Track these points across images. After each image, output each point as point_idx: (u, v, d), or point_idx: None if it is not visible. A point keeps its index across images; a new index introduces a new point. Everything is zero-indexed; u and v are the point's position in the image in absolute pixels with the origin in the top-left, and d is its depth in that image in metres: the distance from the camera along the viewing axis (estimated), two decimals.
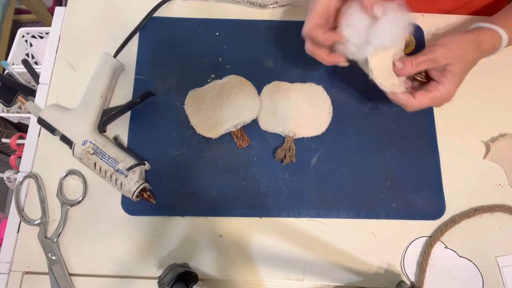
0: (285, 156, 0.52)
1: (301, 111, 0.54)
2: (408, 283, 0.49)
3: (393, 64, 0.46)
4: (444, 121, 0.55)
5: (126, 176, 0.48)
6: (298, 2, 0.59)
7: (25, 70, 0.78)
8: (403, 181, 0.52)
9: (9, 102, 0.60)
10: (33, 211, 0.51)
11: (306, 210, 0.51)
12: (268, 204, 0.51)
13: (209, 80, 0.56)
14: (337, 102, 0.55)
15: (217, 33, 0.58)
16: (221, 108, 0.54)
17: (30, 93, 0.60)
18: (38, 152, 0.53)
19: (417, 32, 0.59)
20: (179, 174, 0.52)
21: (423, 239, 0.51)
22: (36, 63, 1.01)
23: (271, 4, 0.59)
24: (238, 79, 0.56)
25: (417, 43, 0.58)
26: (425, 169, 0.53)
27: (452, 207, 0.52)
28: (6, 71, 0.86)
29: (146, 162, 0.50)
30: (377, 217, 0.51)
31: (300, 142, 0.53)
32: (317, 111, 0.54)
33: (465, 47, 0.45)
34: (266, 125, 0.54)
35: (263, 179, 0.52)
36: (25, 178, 0.52)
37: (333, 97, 0.55)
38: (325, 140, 0.54)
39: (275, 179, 0.52)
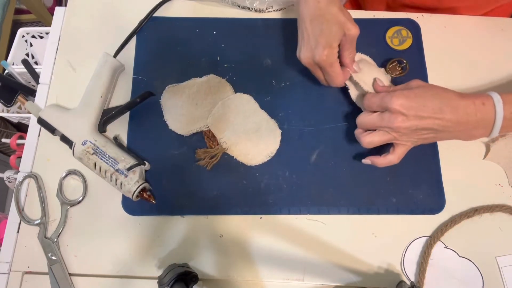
0: (204, 159, 0.51)
1: (248, 137, 0.53)
2: (408, 283, 0.49)
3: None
4: None
5: (126, 176, 0.48)
6: (294, 4, 0.59)
7: (25, 70, 0.78)
8: (403, 176, 0.52)
9: (9, 102, 0.60)
10: (33, 211, 0.51)
11: (307, 207, 0.51)
12: (268, 202, 0.51)
13: None
14: (337, 100, 0.55)
15: (214, 32, 0.58)
16: (197, 107, 0.53)
17: (30, 93, 0.60)
18: (38, 152, 0.53)
19: (414, 28, 0.59)
20: (179, 174, 0.52)
21: (423, 239, 0.51)
22: (36, 63, 1.01)
23: (267, 9, 0.59)
24: (218, 79, 0.55)
25: (414, 39, 0.58)
26: (425, 164, 0.53)
27: (452, 207, 0.52)
28: (6, 71, 0.86)
29: (146, 162, 0.50)
30: (378, 212, 0.51)
31: (300, 138, 0.53)
32: (263, 146, 0.52)
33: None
34: (214, 128, 0.53)
35: (263, 177, 0.52)
36: (25, 178, 0.52)
37: (333, 94, 0.55)
38: (324, 136, 0.54)
39: (275, 176, 0.52)
